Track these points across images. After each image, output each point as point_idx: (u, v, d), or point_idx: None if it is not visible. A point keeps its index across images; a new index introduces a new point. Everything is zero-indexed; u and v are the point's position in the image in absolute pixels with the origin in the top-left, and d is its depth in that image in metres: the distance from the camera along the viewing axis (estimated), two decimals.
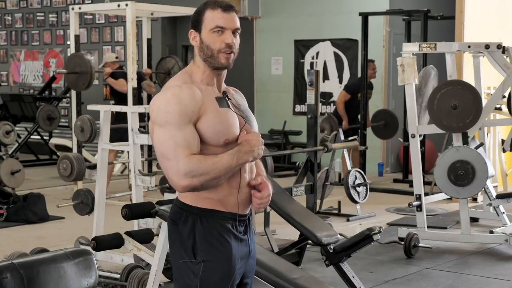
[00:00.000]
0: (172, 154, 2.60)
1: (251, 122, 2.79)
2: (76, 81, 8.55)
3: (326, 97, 11.59)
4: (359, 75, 10.65)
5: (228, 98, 2.76)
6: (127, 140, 5.83)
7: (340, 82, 11.62)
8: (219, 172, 2.61)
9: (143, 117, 7.94)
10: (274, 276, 4.36)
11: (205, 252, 2.68)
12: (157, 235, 4.80)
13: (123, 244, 4.90)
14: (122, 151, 9.51)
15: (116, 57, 9.57)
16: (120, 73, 9.15)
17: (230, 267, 2.71)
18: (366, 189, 7.78)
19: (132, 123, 5.73)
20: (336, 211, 8.15)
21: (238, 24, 2.74)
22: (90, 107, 6.20)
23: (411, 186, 8.29)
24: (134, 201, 5.64)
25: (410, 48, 6.96)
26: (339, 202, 8.17)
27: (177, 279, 2.77)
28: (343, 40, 11.60)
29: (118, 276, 5.28)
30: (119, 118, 8.06)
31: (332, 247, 4.86)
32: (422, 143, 9.28)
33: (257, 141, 2.70)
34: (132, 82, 8.07)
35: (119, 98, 9.04)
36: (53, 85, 12.55)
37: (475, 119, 6.49)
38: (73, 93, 8.83)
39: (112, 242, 4.89)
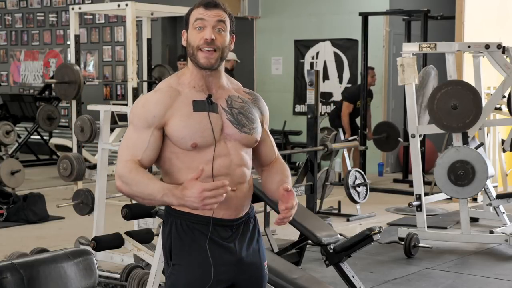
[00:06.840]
0: (119, 153, 2.63)
1: (241, 127, 2.67)
2: (65, 90, 8.57)
3: (326, 97, 11.58)
4: (359, 77, 10.62)
5: (211, 102, 2.64)
6: None
7: (340, 82, 11.62)
8: (140, 194, 2.53)
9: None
10: (274, 276, 4.35)
11: (176, 256, 2.64)
12: (157, 235, 4.80)
13: (123, 244, 4.90)
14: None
15: None
16: None
17: (201, 272, 2.61)
18: (366, 189, 7.77)
19: None
20: (336, 211, 8.15)
21: (221, 20, 2.65)
22: (90, 107, 6.20)
23: (411, 186, 8.29)
24: (134, 201, 5.64)
25: (410, 48, 6.96)
26: (339, 202, 8.16)
27: None
28: (343, 40, 11.60)
29: (118, 276, 5.28)
30: None
31: (332, 247, 4.86)
32: (422, 143, 9.28)
33: (193, 198, 2.44)
34: (132, 82, 8.07)
35: None
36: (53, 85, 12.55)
37: (475, 119, 6.49)
38: None
39: (112, 242, 4.89)
